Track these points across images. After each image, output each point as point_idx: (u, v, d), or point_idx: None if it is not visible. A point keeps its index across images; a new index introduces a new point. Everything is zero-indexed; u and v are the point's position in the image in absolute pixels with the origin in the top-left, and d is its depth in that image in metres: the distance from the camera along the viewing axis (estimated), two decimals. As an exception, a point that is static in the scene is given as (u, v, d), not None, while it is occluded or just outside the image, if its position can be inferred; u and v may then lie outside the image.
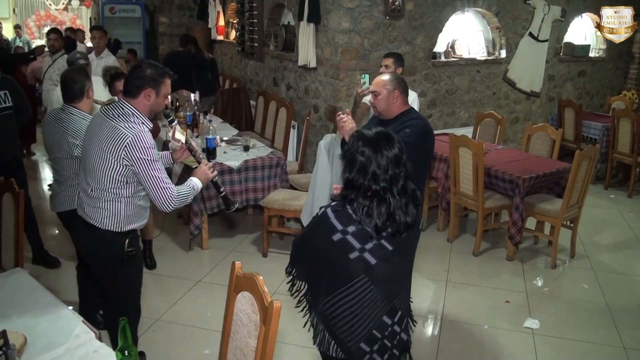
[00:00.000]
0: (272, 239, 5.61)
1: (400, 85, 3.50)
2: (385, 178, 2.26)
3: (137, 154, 2.84)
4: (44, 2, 18.71)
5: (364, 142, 2.31)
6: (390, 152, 2.29)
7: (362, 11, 6.31)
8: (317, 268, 2.40)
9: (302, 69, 7.10)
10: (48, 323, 2.58)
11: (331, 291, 2.36)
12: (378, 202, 2.26)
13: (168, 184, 2.94)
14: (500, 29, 7.60)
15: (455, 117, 7.40)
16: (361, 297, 2.32)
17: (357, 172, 2.28)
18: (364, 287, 2.31)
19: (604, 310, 4.54)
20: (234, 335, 2.46)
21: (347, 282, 2.31)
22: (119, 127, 2.86)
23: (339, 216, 2.29)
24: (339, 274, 2.33)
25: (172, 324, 4.20)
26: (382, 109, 3.53)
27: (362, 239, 2.27)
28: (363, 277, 2.30)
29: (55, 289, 4.04)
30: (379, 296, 2.34)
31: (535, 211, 5.29)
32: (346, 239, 2.26)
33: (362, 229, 2.26)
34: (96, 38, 7.19)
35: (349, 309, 2.34)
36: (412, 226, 2.34)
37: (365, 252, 2.27)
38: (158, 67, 3.01)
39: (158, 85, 2.95)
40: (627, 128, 7.21)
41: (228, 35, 10.71)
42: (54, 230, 5.65)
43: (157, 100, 2.97)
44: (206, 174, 3.17)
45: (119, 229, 3.05)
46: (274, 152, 5.72)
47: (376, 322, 2.36)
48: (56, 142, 3.73)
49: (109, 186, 2.95)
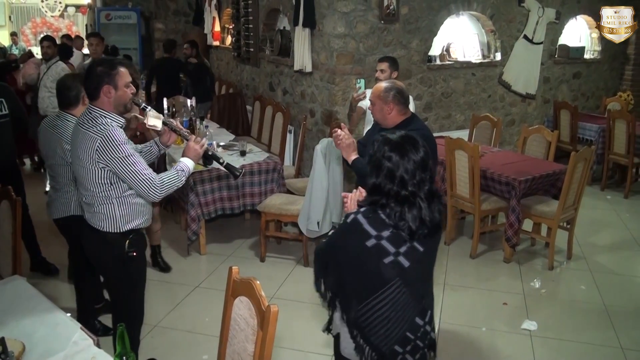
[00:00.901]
0: (270, 243, 5.61)
1: (396, 97, 3.47)
2: (413, 183, 2.26)
3: (108, 154, 2.85)
4: (40, 9, 18.73)
5: (390, 147, 2.30)
6: (417, 156, 2.28)
7: (357, 16, 6.33)
8: (349, 276, 2.36)
9: (298, 74, 7.11)
10: (46, 330, 2.58)
11: (365, 298, 2.33)
12: (409, 207, 2.25)
13: (148, 175, 2.91)
14: (495, 31, 7.63)
15: (451, 120, 7.42)
16: (395, 301, 2.31)
17: (384, 178, 2.27)
18: (398, 290, 2.30)
19: (602, 311, 4.55)
20: (231, 340, 2.47)
21: (381, 287, 2.29)
22: (88, 134, 2.88)
23: (372, 222, 2.26)
24: (373, 279, 2.31)
25: (171, 329, 4.20)
26: (378, 119, 3.54)
27: (397, 243, 2.26)
28: (397, 280, 2.29)
29: (53, 296, 4.04)
30: (410, 298, 2.34)
31: (531, 213, 5.31)
32: (381, 244, 2.25)
33: (397, 233, 2.25)
34: (93, 45, 7.20)
35: (383, 313, 2.32)
36: (440, 227, 2.37)
37: (400, 255, 2.26)
38: (107, 62, 3.02)
39: (112, 78, 2.92)
40: (623, 129, 7.23)
41: (224, 40, 10.74)
42: (51, 237, 5.64)
43: (118, 93, 2.94)
44: (195, 150, 3.11)
45: (117, 230, 3.05)
46: (270, 156, 5.73)
47: (409, 325, 2.35)
48: (51, 148, 3.75)
49: (96, 191, 2.97)
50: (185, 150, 3.14)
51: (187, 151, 3.12)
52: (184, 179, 3.05)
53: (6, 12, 18.88)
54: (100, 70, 2.93)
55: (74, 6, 18.90)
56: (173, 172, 3.03)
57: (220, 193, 5.29)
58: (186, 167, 3.07)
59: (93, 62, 3.05)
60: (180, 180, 3.03)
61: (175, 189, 3.04)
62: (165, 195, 3.01)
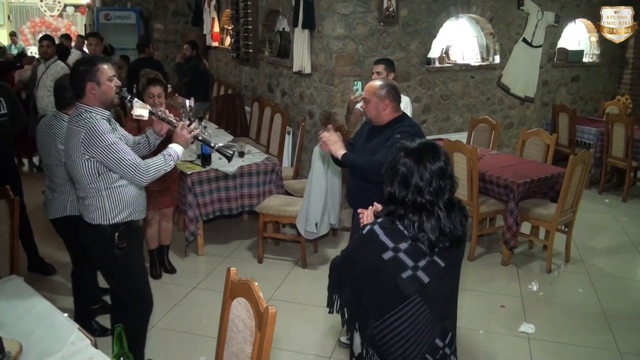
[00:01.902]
0: (268, 244, 5.61)
1: (391, 93, 3.51)
2: (429, 191, 2.16)
3: (92, 144, 2.91)
4: (39, 9, 18.71)
5: (406, 153, 2.22)
6: (434, 165, 2.18)
7: (357, 17, 6.33)
8: (365, 290, 2.26)
9: (297, 75, 7.11)
10: (44, 330, 2.57)
11: (381, 315, 2.22)
12: (427, 216, 2.15)
13: (132, 160, 2.98)
14: (494, 34, 7.64)
15: (449, 123, 7.42)
16: (414, 319, 2.20)
17: (398, 185, 2.20)
18: (417, 308, 2.19)
19: (599, 314, 4.55)
20: (229, 341, 2.46)
21: (399, 303, 2.19)
22: (74, 129, 2.97)
23: (389, 233, 2.16)
24: (390, 295, 2.20)
25: (168, 330, 4.20)
26: (372, 116, 3.55)
27: (415, 256, 2.15)
28: (416, 297, 2.18)
29: (50, 296, 4.03)
30: (431, 317, 2.22)
31: (530, 216, 5.31)
32: (398, 256, 2.14)
33: (415, 246, 2.14)
34: (92, 45, 7.20)
35: (401, 332, 2.20)
36: (463, 240, 2.25)
37: (419, 270, 2.16)
38: (86, 60, 3.09)
39: (93, 75, 2.98)
40: (621, 133, 7.23)
41: (223, 41, 10.74)
42: (49, 237, 5.63)
43: (101, 88, 3.00)
44: (184, 137, 3.15)
45: (108, 222, 3.09)
46: (269, 158, 5.74)
47: (429, 346, 2.24)
48: (47, 148, 3.76)
49: (85, 183, 3.03)
50: (173, 137, 3.18)
51: (175, 138, 3.17)
52: (172, 163, 3.12)
53: (5, 12, 18.88)
54: (82, 69, 3.01)
55: (72, 6, 18.89)
56: (160, 157, 3.09)
57: (219, 194, 5.28)
58: (174, 152, 3.12)
59: (75, 63, 3.11)
60: (167, 165, 3.09)
61: (162, 172, 3.10)
62: (152, 180, 3.07)
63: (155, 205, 4.81)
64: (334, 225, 5.34)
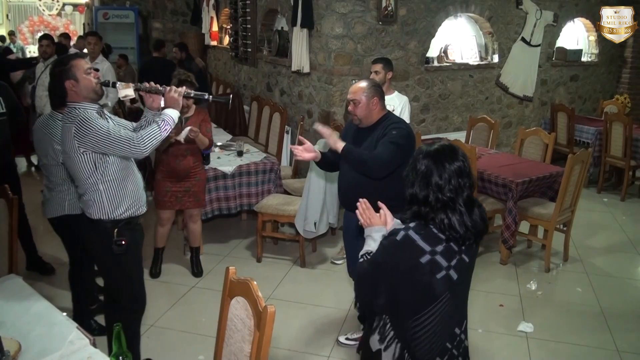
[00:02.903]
0: (266, 244, 5.61)
1: (378, 91, 3.53)
2: (449, 188, 2.23)
3: (84, 134, 2.92)
4: (38, 8, 18.70)
5: (424, 155, 2.29)
6: (453, 164, 2.25)
7: (355, 17, 6.33)
8: (399, 294, 2.30)
9: (296, 74, 7.11)
10: (42, 329, 2.57)
11: (415, 314, 2.29)
12: (452, 213, 2.22)
13: (123, 135, 2.96)
14: (492, 34, 7.64)
15: (448, 122, 7.43)
16: (443, 315, 2.29)
17: (419, 185, 2.26)
18: (446, 304, 2.29)
19: (598, 313, 4.56)
20: (228, 340, 2.46)
21: (432, 302, 2.27)
22: (66, 125, 3.00)
23: (426, 237, 2.22)
24: (424, 295, 2.27)
25: (167, 329, 4.20)
26: (362, 116, 3.53)
27: (449, 257, 2.23)
28: (446, 294, 2.27)
29: (49, 295, 4.02)
30: (455, 309, 2.34)
31: (528, 215, 5.31)
32: (435, 259, 2.21)
33: (449, 247, 2.23)
34: (91, 44, 7.17)
35: (431, 328, 2.30)
36: (484, 233, 2.33)
37: (451, 269, 2.24)
38: (59, 61, 3.14)
39: (69, 72, 3.00)
40: (620, 132, 7.24)
41: (222, 40, 10.74)
42: (47, 236, 5.63)
43: (81, 83, 3.01)
44: (173, 99, 3.12)
45: (107, 217, 3.10)
46: (267, 157, 5.73)
47: (450, 335, 2.36)
48: (44, 148, 3.76)
49: (83, 177, 3.04)
50: (165, 102, 3.14)
51: (166, 102, 3.14)
52: (167, 127, 3.06)
53: (4, 11, 18.86)
54: (57, 70, 3.04)
55: (71, 5, 18.88)
56: (154, 124, 3.06)
57: (217, 193, 5.28)
58: (168, 117, 3.08)
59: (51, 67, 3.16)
60: (163, 130, 3.04)
61: (160, 139, 3.04)
62: (151, 148, 3.02)
63: (177, 206, 4.81)
64: (333, 224, 5.35)
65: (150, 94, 3.17)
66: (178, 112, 3.15)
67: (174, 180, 4.71)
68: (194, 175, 4.74)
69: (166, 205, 4.78)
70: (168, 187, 4.72)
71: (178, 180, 4.71)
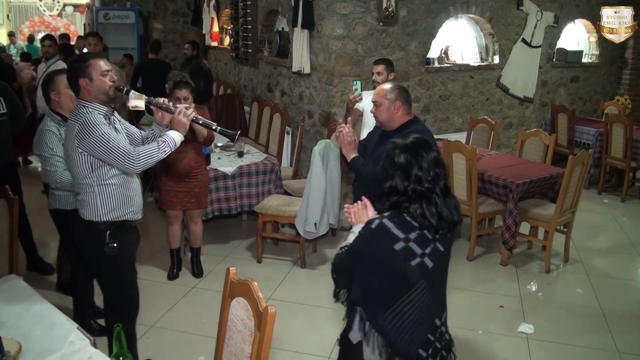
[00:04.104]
0: (267, 244, 5.61)
1: (402, 95, 3.48)
2: (428, 179, 2.31)
3: (85, 137, 2.93)
4: (38, 9, 18.71)
5: (402, 149, 2.36)
6: (430, 154, 2.35)
7: (356, 17, 6.33)
8: (375, 282, 2.35)
9: (296, 75, 7.12)
10: (43, 330, 2.57)
11: (391, 303, 2.33)
12: (427, 203, 2.29)
13: (122, 148, 2.95)
14: (493, 35, 7.64)
15: (448, 123, 7.43)
16: (420, 304, 2.33)
17: (399, 177, 2.33)
18: (423, 292, 2.33)
19: (598, 314, 4.56)
20: (228, 341, 2.47)
21: (408, 290, 2.31)
22: (71, 123, 3.02)
23: (399, 225, 2.29)
24: (399, 283, 2.32)
25: (167, 330, 4.20)
26: (383, 120, 3.49)
27: (423, 244, 2.29)
28: (422, 282, 2.31)
29: (49, 295, 4.02)
30: (433, 299, 2.37)
31: (528, 216, 5.31)
32: (409, 246, 2.27)
33: (423, 234, 2.29)
34: (92, 44, 7.19)
35: (409, 317, 2.33)
36: (458, 224, 2.39)
37: (425, 256, 2.30)
38: (78, 56, 3.18)
39: (85, 70, 3.00)
40: (620, 133, 7.24)
41: (222, 41, 10.74)
42: (48, 236, 5.64)
43: (95, 83, 3.00)
44: (180, 122, 3.10)
45: (99, 219, 3.10)
46: (268, 157, 5.74)
47: (430, 326, 2.39)
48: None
49: (79, 177, 3.05)
50: (171, 123, 3.13)
51: (173, 124, 3.12)
52: (167, 150, 3.04)
53: (4, 11, 18.87)
54: (74, 65, 3.05)
55: (72, 5, 18.89)
56: (154, 143, 3.05)
57: (218, 194, 5.28)
58: (170, 139, 3.06)
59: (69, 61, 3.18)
60: (161, 151, 3.02)
61: (156, 159, 3.03)
62: (145, 167, 3.01)
63: (178, 206, 4.80)
64: (333, 225, 5.35)
65: (160, 110, 3.18)
66: (182, 136, 3.13)
67: (175, 180, 4.71)
68: (195, 176, 4.73)
69: (168, 204, 4.78)
70: (170, 186, 4.72)
71: (179, 180, 4.71)
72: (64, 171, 3.58)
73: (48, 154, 3.63)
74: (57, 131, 3.66)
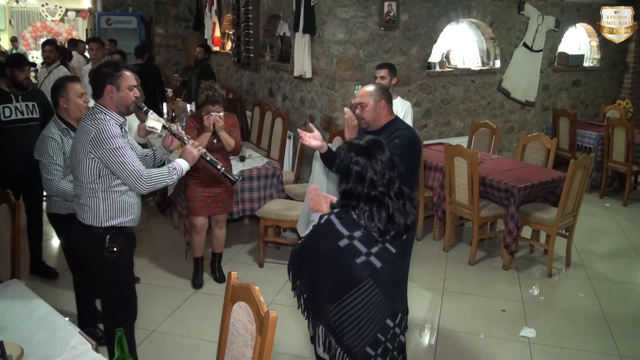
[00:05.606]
0: (268, 249, 5.61)
1: (385, 95, 3.54)
2: (382, 182, 2.30)
3: (100, 145, 2.96)
4: (40, 14, 18.75)
5: (357, 152, 2.35)
6: (384, 156, 2.34)
7: (357, 22, 6.35)
8: (321, 276, 2.41)
9: (298, 80, 7.12)
10: (45, 334, 2.58)
11: (337, 298, 2.36)
12: (378, 207, 2.29)
13: (136, 167, 3.03)
14: (494, 39, 7.65)
15: (450, 127, 7.43)
16: (367, 302, 2.35)
17: (354, 182, 2.32)
18: (370, 290, 2.34)
19: (600, 318, 4.55)
20: (230, 345, 2.47)
21: (353, 287, 2.33)
22: (86, 126, 3.03)
23: (345, 222, 2.30)
24: (345, 279, 2.34)
25: (169, 334, 4.20)
26: (370, 120, 3.53)
27: (368, 243, 2.30)
28: (369, 280, 2.32)
29: (52, 300, 4.02)
30: (383, 299, 2.37)
31: (530, 220, 5.31)
32: (353, 244, 2.28)
33: (368, 233, 2.29)
34: (93, 50, 7.22)
35: (355, 313, 2.35)
36: (411, 228, 2.39)
37: (372, 256, 2.30)
38: (113, 64, 3.20)
39: (115, 80, 3.05)
40: (622, 137, 7.24)
41: (224, 46, 10.76)
42: (51, 241, 5.65)
43: (120, 94, 3.07)
44: (191, 153, 3.24)
45: (100, 224, 3.11)
46: (269, 162, 5.74)
47: (380, 326, 2.39)
48: None
49: (85, 181, 3.06)
50: (182, 153, 3.26)
51: (183, 154, 3.25)
52: (175, 177, 3.18)
53: (6, 17, 18.92)
54: (106, 71, 3.08)
55: (74, 10, 18.93)
56: (165, 168, 3.16)
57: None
58: (179, 166, 3.19)
59: (102, 64, 3.23)
60: (170, 177, 3.16)
61: (164, 184, 3.19)
62: (152, 189, 3.13)
63: (206, 211, 4.81)
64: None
65: (173, 136, 3.30)
66: (189, 167, 3.24)
67: (203, 185, 4.71)
68: (224, 181, 4.74)
69: (197, 211, 4.76)
70: (198, 192, 4.72)
71: (208, 186, 4.71)
72: (60, 180, 3.62)
73: (47, 162, 3.64)
74: (60, 139, 3.67)
